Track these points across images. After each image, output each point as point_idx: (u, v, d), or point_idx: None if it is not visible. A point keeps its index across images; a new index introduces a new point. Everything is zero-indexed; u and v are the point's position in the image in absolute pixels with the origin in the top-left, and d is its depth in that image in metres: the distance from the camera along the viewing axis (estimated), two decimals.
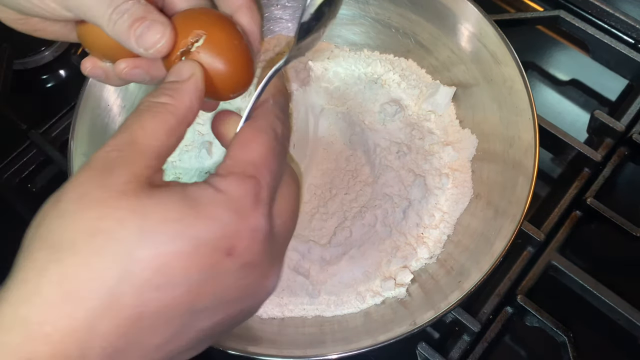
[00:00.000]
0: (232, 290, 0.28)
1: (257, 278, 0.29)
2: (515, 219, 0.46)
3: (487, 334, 0.53)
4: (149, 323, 0.26)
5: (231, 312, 0.29)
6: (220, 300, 0.28)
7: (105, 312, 0.24)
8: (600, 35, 0.65)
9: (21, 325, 0.24)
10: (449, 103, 0.57)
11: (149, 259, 0.25)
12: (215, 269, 0.27)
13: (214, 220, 0.26)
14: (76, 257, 0.24)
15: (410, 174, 0.54)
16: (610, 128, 0.60)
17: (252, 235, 0.28)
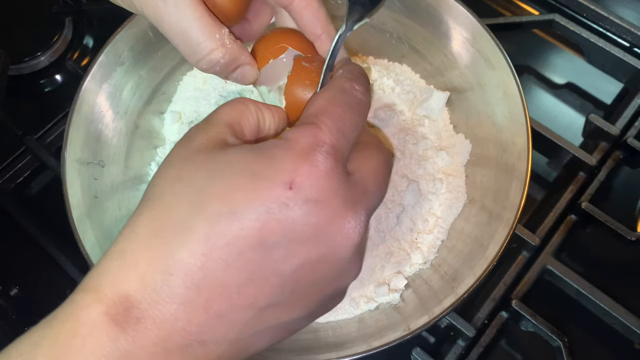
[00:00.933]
0: (300, 227, 0.28)
1: (327, 217, 0.29)
2: (508, 223, 0.46)
3: (482, 338, 0.53)
4: (222, 256, 0.27)
5: (309, 255, 0.29)
6: (290, 237, 0.28)
7: (181, 243, 0.27)
8: (595, 39, 0.65)
9: (118, 256, 0.28)
10: (443, 108, 0.57)
11: (215, 194, 0.28)
12: (279, 200, 0.27)
13: (272, 158, 0.29)
14: (161, 201, 0.29)
15: (404, 179, 0.54)
16: (605, 132, 0.60)
17: (312, 170, 0.28)
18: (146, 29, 0.55)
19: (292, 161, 0.28)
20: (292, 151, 0.29)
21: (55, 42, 0.71)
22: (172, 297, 0.27)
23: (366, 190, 0.31)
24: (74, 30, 0.73)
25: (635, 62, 0.64)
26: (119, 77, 0.54)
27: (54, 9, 0.72)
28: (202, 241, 0.27)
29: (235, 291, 0.28)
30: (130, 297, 0.26)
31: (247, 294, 0.28)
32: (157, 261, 0.27)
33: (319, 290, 0.31)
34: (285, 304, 0.30)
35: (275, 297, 0.29)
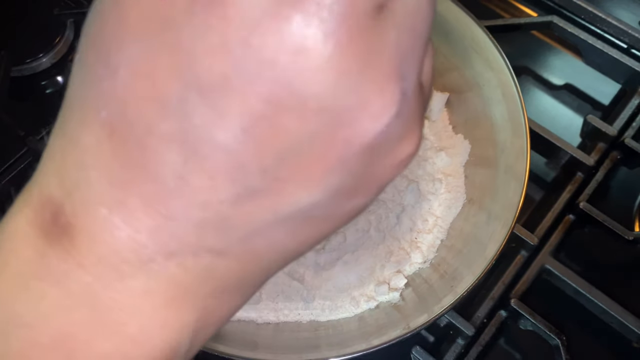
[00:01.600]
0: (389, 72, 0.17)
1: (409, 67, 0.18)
2: (507, 223, 0.47)
3: (482, 337, 0.53)
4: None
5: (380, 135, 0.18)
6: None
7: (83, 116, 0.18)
8: (593, 40, 0.65)
9: (48, 149, 0.20)
10: (442, 109, 0.58)
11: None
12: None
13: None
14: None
15: (404, 180, 0.54)
16: (603, 132, 0.61)
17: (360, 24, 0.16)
18: None
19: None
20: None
21: (57, 43, 0.72)
22: (96, 195, 0.18)
23: (429, 90, 0.23)
24: (75, 32, 0.74)
25: (632, 63, 0.64)
26: None
27: (55, 11, 0.72)
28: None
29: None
30: (53, 199, 0.18)
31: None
32: (68, 146, 0.18)
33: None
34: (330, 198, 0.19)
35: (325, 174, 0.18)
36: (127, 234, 0.17)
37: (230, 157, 0.16)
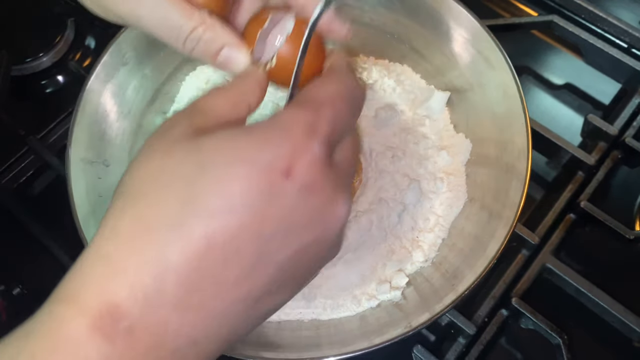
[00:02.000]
0: (298, 214, 0.27)
1: (322, 202, 0.28)
2: (508, 222, 0.47)
3: (483, 336, 0.53)
4: (220, 254, 0.26)
5: (304, 240, 0.28)
6: (288, 226, 0.27)
7: (173, 244, 0.25)
8: (594, 40, 0.66)
9: (102, 261, 0.26)
10: (444, 108, 0.58)
11: (208, 187, 0.26)
12: (275, 189, 0.26)
13: (268, 143, 0.27)
14: (146, 199, 0.26)
15: (405, 178, 0.54)
16: (603, 132, 0.61)
17: (308, 157, 0.28)
18: None
19: (288, 147, 0.27)
20: (290, 135, 0.27)
21: (57, 43, 0.72)
22: (164, 302, 0.25)
23: (347, 175, 0.32)
24: (76, 31, 0.74)
25: (633, 62, 0.64)
26: (122, 77, 0.55)
27: (56, 10, 0.73)
28: (197, 240, 0.25)
29: (231, 287, 0.26)
30: (120, 307, 0.24)
31: (243, 288, 0.27)
32: (148, 265, 0.25)
33: (309, 270, 0.31)
34: (278, 289, 0.29)
35: (270, 286, 0.28)
36: (175, 329, 0.25)
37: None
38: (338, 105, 0.30)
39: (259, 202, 0.26)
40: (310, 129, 0.28)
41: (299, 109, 0.29)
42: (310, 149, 0.28)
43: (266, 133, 0.28)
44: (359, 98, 0.33)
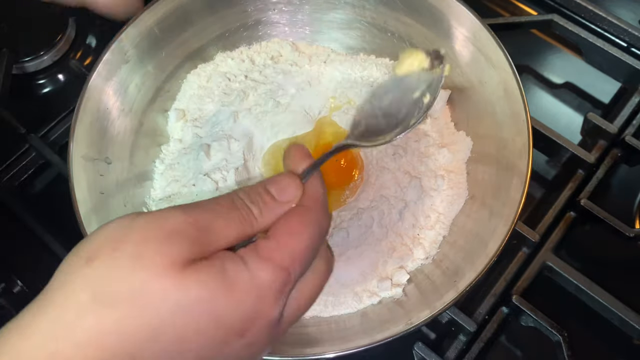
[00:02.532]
0: (232, 358, 0.32)
1: (254, 353, 0.32)
2: (509, 219, 0.47)
3: (483, 333, 0.53)
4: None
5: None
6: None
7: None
8: (593, 39, 0.66)
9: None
10: (444, 106, 0.58)
11: (174, 331, 0.28)
12: (226, 345, 0.30)
13: (240, 306, 0.30)
14: (117, 310, 0.28)
15: (406, 176, 0.55)
16: (603, 130, 0.61)
17: (264, 322, 0.31)
18: (151, 26, 0.55)
19: (254, 313, 0.30)
20: (259, 302, 0.30)
21: (58, 41, 0.72)
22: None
23: (293, 321, 0.34)
24: (77, 30, 0.74)
25: (632, 61, 0.64)
26: (124, 74, 0.55)
27: (57, 9, 0.72)
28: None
29: None
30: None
31: None
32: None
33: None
34: None
35: None
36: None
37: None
38: (309, 257, 0.33)
39: (208, 351, 0.30)
40: (278, 294, 0.31)
41: (273, 269, 0.31)
42: (269, 316, 0.31)
43: (242, 295, 0.30)
44: (325, 231, 0.35)
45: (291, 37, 0.63)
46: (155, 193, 0.56)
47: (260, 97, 0.59)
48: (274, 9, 0.62)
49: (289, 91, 0.60)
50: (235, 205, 0.32)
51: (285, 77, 0.61)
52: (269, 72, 0.61)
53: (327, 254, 0.36)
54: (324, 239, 0.34)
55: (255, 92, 0.60)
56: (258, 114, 0.58)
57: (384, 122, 0.39)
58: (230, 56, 0.62)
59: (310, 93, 0.60)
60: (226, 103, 0.59)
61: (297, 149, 0.37)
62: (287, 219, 0.33)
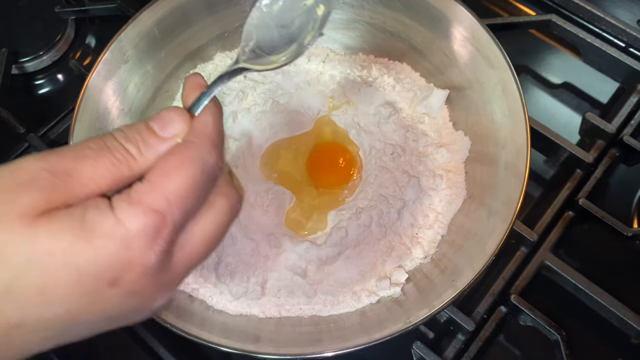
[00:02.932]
0: (116, 312, 0.30)
1: (141, 302, 0.30)
2: (507, 219, 0.47)
3: (482, 333, 0.54)
4: (30, 328, 0.28)
5: (113, 322, 0.31)
6: (101, 317, 0.29)
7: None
8: (592, 39, 0.66)
9: None
10: (443, 105, 0.58)
11: (31, 284, 0.26)
12: (98, 295, 0.28)
13: (102, 254, 0.27)
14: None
15: (405, 175, 0.55)
16: (601, 130, 0.61)
17: (140, 269, 0.28)
18: (151, 27, 0.55)
19: (122, 259, 0.27)
20: (127, 246, 0.27)
21: (57, 41, 0.72)
22: None
23: (189, 266, 0.32)
24: (76, 30, 0.74)
25: (630, 61, 0.64)
26: (123, 74, 0.55)
27: (57, 9, 0.73)
28: (8, 319, 0.27)
29: (36, 342, 0.29)
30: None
31: (47, 342, 0.29)
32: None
33: (115, 327, 0.32)
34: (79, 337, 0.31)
35: (72, 338, 0.30)
36: None
37: None
38: (190, 201, 0.29)
39: (78, 303, 0.28)
40: (151, 238, 0.28)
41: (143, 212, 0.28)
42: (144, 262, 0.28)
43: (104, 241, 0.27)
44: (216, 175, 0.31)
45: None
46: None
47: (259, 97, 0.59)
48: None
49: (288, 91, 0.60)
50: (107, 145, 0.29)
51: (284, 77, 0.61)
52: (268, 72, 0.61)
53: (228, 189, 0.33)
54: (211, 177, 0.31)
55: (254, 92, 0.60)
56: (257, 114, 0.58)
57: (277, 35, 0.34)
58: (230, 56, 0.62)
59: (309, 93, 0.60)
60: (225, 103, 0.59)
61: (190, 79, 0.33)
62: (166, 158, 0.30)
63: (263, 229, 0.53)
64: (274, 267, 0.52)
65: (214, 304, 0.51)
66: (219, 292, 0.51)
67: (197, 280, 0.51)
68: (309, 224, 0.55)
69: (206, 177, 0.30)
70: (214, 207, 0.32)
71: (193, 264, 0.32)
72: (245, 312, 0.50)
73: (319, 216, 0.56)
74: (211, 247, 0.33)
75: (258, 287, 0.50)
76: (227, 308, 0.50)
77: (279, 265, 0.52)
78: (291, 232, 0.54)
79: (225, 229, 0.33)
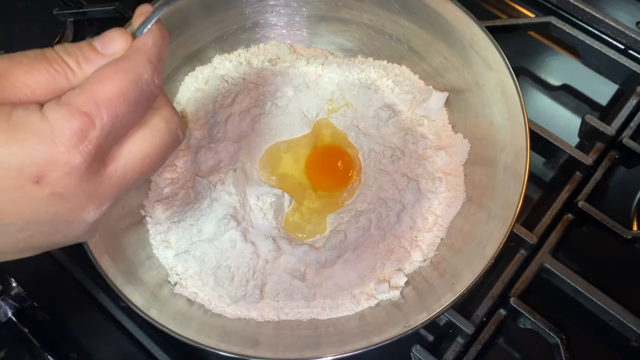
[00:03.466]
0: (41, 214, 0.29)
1: (69, 208, 0.30)
2: (507, 222, 0.47)
3: (481, 336, 0.53)
4: None
5: (44, 230, 0.30)
6: (28, 220, 0.29)
7: None
8: (591, 41, 0.66)
9: None
10: (442, 108, 0.58)
11: None
12: (21, 192, 0.28)
13: (25, 147, 0.27)
14: None
15: (404, 178, 0.55)
16: (601, 132, 0.61)
17: (65, 168, 0.28)
18: None
19: (46, 156, 0.27)
20: (51, 143, 0.27)
21: (56, 43, 0.72)
22: None
23: (126, 179, 0.32)
24: (75, 32, 0.74)
25: (630, 64, 0.64)
26: None
27: (55, 11, 0.73)
28: None
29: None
30: None
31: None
32: None
33: (48, 246, 0.32)
34: (18, 252, 0.31)
35: (8, 248, 0.30)
36: None
37: None
38: (120, 109, 0.29)
39: (1, 200, 0.27)
40: (77, 138, 0.28)
41: (70, 112, 0.28)
42: (69, 161, 0.28)
43: (27, 136, 0.27)
44: (151, 91, 0.31)
45: (289, 40, 0.63)
46: (153, 195, 0.56)
47: (258, 100, 0.59)
48: (271, 12, 0.62)
49: (287, 93, 0.60)
50: (45, 56, 0.30)
51: (282, 79, 0.61)
52: (267, 74, 0.61)
53: (167, 112, 0.33)
54: (145, 91, 0.31)
55: (253, 94, 0.60)
56: (256, 117, 0.58)
57: None
58: (228, 58, 0.62)
59: (308, 95, 0.60)
60: (224, 105, 0.59)
61: (139, 8, 0.34)
62: (100, 69, 0.30)
63: (262, 232, 0.53)
64: (273, 271, 0.51)
65: (212, 308, 0.50)
66: (217, 296, 0.51)
67: (196, 283, 0.51)
68: (308, 227, 0.55)
69: (139, 89, 0.30)
70: (149, 125, 0.32)
71: (127, 180, 0.32)
72: (244, 315, 0.50)
73: (318, 219, 0.56)
74: (148, 167, 0.32)
75: (257, 290, 0.50)
76: (226, 312, 0.50)
77: (278, 269, 0.52)
78: (290, 236, 0.54)
79: (163, 151, 0.33)
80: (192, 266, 0.51)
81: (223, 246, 0.51)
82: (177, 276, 0.52)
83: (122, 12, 0.70)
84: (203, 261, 0.51)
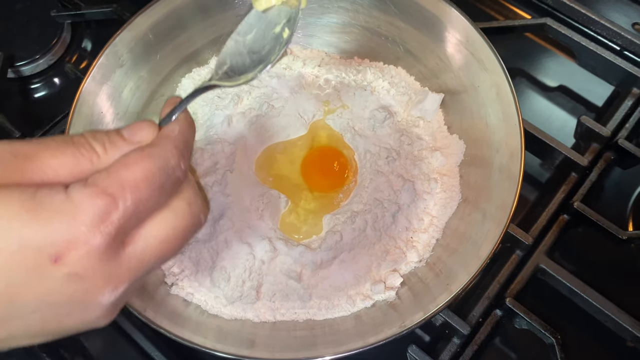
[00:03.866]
0: (56, 295, 0.29)
1: (85, 289, 0.29)
2: (502, 222, 0.47)
3: (477, 336, 0.54)
4: None
5: (58, 312, 0.29)
6: (42, 300, 0.28)
7: None
8: (587, 42, 0.66)
9: None
10: (437, 109, 0.58)
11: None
12: (38, 271, 0.27)
13: (47, 226, 0.27)
14: None
15: (400, 179, 0.55)
16: (596, 133, 0.61)
17: (85, 248, 0.28)
18: (145, 31, 0.55)
19: (67, 235, 0.27)
20: (73, 221, 0.27)
21: (54, 45, 0.72)
22: None
23: (141, 262, 0.31)
24: (72, 34, 0.74)
25: (625, 65, 0.65)
26: (118, 78, 0.55)
27: (53, 13, 0.73)
28: None
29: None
30: None
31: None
32: None
33: (63, 331, 0.31)
34: (28, 339, 0.31)
35: (19, 334, 0.30)
36: None
37: None
38: (144, 193, 0.30)
39: (17, 277, 0.27)
40: (99, 218, 0.28)
41: (95, 193, 0.28)
42: (89, 241, 0.28)
43: (50, 214, 0.27)
44: (177, 177, 0.32)
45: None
46: None
47: (254, 101, 0.60)
48: None
49: (283, 95, 0.60)
50: (72, 140, 0.30)
51: (279, 80, 0.61)
52: (263, 75, 0.61)
53: (191, 196, 0.33)
54: (171, 177, 0.31)
55: (250, 96, 0.60)
56: (252, 118, 0.58)
57: (248, 60, 0.37)
58: None
59: (304, 97, 0.60)
60: (220, 107, 0.59)
61: (169, 100, 0.34)
62: (127, 153, 0.30)
63: (258, 233, 0.53)
64: (269, 272, 0.52)
65: (208, 309, 0.51)
66: (213, 297, 0.51)
67: (192, 284, 0.51)
68: (304, 228, 0.56)
69: (165, 175, 0.31)
70: (173, 210, 0.32)
71: (145, 262, 0.31)
72: (240, 316, 0.50)
73: (314, 220, 0.56)
74: (168, 250, 0.32)
75: (253, 291, 0.50)
76: (222, 312, 0.50)
77: (274, 270, 0.52)
78: (286, 236, 0.54)
79: (184, 235, 0.33)
80: (188, 267, 0.52)
81: (219, 247, 0.51)
82: (173, 277, 0.52)
83: (120, 14, 0.70)
84: (199, 262, 0.51)
